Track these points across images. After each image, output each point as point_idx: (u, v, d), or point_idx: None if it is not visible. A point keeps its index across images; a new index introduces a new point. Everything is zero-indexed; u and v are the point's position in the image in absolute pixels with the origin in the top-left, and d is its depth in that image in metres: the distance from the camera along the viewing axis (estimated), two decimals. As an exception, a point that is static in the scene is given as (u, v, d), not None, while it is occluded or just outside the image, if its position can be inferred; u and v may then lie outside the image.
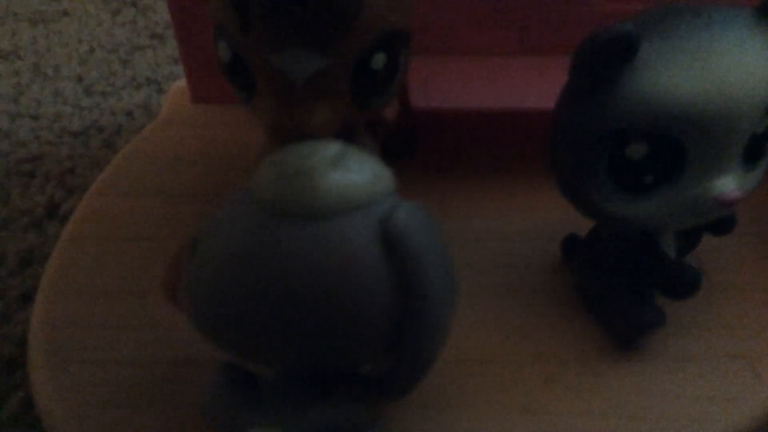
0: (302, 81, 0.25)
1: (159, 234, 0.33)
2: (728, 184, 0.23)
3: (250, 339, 0.19)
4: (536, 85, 0.35)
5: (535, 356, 0.27)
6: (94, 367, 0.27)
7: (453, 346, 0.23)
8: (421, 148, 0.38)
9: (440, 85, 0.35)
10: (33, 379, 0.26)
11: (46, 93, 0.52)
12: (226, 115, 0.40)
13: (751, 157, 0.24)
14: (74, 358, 0.27)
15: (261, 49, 0.24)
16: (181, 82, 0.43)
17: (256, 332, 0.19)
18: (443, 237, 0.21)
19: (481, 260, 0.31)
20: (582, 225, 0.28)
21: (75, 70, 0.55)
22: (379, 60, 0.25)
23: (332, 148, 0.19)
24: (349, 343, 0.19)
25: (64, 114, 0.49)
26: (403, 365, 0.21)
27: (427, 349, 0.20)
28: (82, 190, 0.39)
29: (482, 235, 0.33)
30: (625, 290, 0.27)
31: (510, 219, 0.34)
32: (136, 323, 0.28)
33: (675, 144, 0.22)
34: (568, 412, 0.25)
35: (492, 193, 0.35)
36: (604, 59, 0.22)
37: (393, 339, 0.20)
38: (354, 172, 0.19)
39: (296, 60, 0.24)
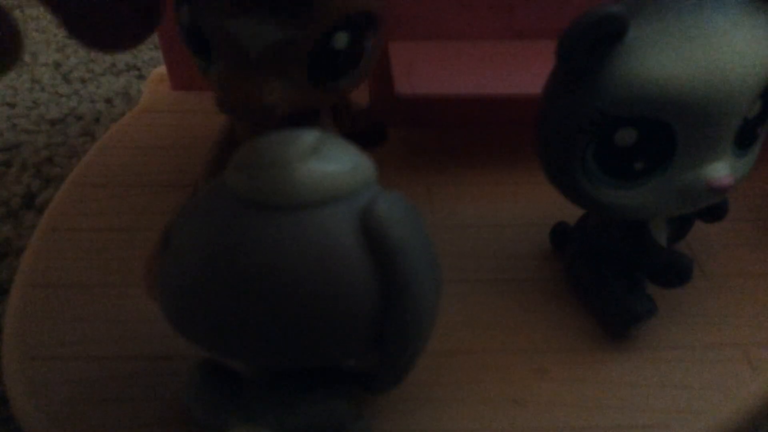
0: (257, 52, 0.24)
1: (139, 225, 0.32)
2: (720, 170, 0.23)
3: (227, 335, 0.19)
4: (524, 70, 0.35)
5: (525, 347, 0.27)
6: (71, 362, 0.26)
7: (440, 337, 0.22)
8: (405, 135, 0.37)
9: (425, 71, 0.35)
10: (6, 374, 0.26)
11: (22, 80, 0.51)
12: (207, 102, 0.39)
13: (743, 142, 0.23)
14: (50, 352, 0.26)
15: (218, 13, 0.24)
16: (161, 69, 0.43)
17: (233, 328, 0.19)
18: (428, 226, 0.20)
19: (468, 250, 0.31)
20: (571, 213, 0.28)
21: (53, 57, 0.53)
22: (340, 40, 0.25)
23: (310, 136, 0.19)
24: (330, 338, 0.19)
25: (41, 101, 0.48)
26: (388, 359, 0.20)
27: (412, 342, 0.20)
28: (60, 180, 0.39)
29: (469, 224, 0.32)
30: (615, 279, 0.27)
31: (497, 207, 0.33)
32: (115, 317, 0.28)
33: (665, 129, 0.22)
34: (559, 403, 0.25)
35: (479, 181, 0.35)
36: (592, 42, 0.21)
37: (377, 332, 0.19)
38: (332, 162, 0.19)
39: (252, 29, 0.23)
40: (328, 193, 0.18)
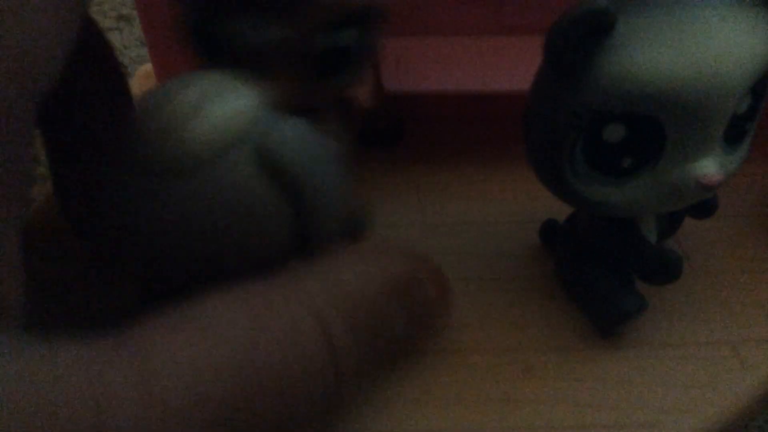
0: (259, 50, 0.24)
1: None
2: (710, 167, 0.23)
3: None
4: (513, 66, 0.34)
5: (514, 345, 0.27)
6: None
7: (428, 337, 0.22)
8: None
9: (413, 67, 0.34)
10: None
11: (8, 78, 0.50)
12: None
13: (732, 137, 0.23)
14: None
15: (219, 12, 0.24)
16: (148, 66, 0.42)
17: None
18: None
19: (457, 248, 0.31)
20: (561, 210, 0.28)
21: (39, 54, 0.53)
22: (348, 36, 0.24)
23: (189, 93, 0.18)
24: (256, 268, 0.19)
25: (27, 100, 0.48)
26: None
27: (326, 234, 0.20)
28: (46, 179, 0.38)
29: (458, 222, 0.32)
30: (605, 276, 0.27)
31: (487, 205, 0.33)
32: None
33: (654, 125, 0.22)
34: (548, 402, 0.25)
35: (468, 178, 0.35)
36: (578, 37, 0.21)
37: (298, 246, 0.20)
38: (218, 112, 0.18)
39: (253, 27, 0.23)
40: (219, 144, 0.18)
